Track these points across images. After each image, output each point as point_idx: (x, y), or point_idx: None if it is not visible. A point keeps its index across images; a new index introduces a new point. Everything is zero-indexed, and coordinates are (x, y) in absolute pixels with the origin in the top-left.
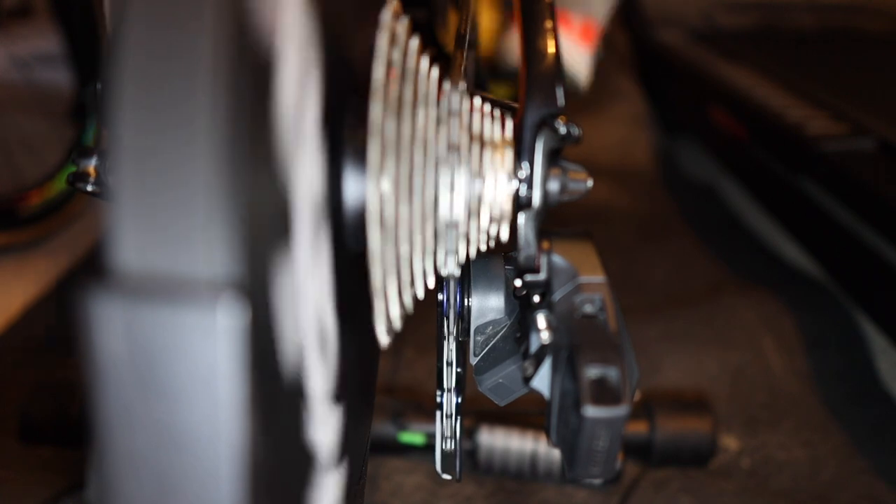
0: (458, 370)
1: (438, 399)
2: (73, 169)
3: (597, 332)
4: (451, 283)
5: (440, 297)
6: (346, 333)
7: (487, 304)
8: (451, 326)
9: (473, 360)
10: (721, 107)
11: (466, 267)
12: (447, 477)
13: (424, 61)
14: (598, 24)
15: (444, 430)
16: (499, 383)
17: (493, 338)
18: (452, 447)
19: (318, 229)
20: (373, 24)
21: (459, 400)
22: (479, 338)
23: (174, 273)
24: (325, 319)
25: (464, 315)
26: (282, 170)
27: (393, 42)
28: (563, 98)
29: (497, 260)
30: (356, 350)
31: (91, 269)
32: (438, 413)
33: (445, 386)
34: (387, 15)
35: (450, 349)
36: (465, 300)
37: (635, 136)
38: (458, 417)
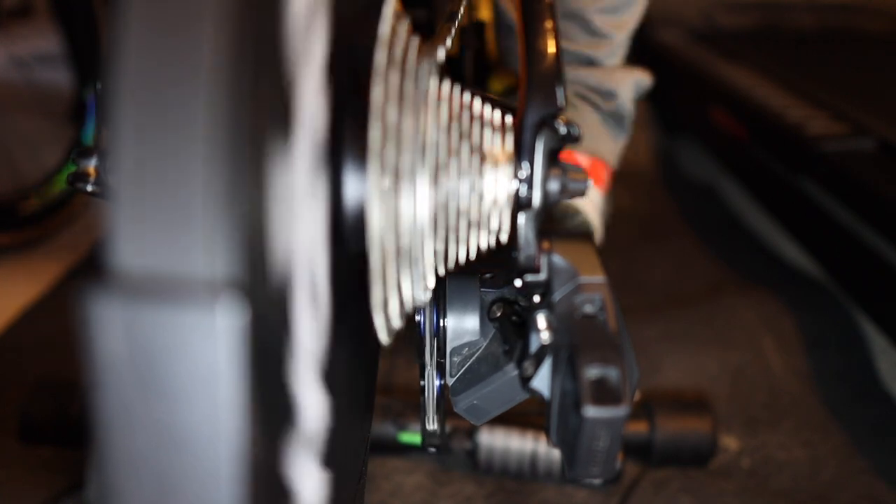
0: (441, 360)
1: (422, 383)
2: (73, 169)
3: (597, 333)
4: (427, 305)
5: (417, 318)
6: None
7: (463, 326)
8: (429, 346)
9: (450, 381)
10: (721, 107)
11: (441, 287)
12: (432, 450)
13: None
14: (607, 166)
15: (427, 411)
16: (473, 404)
17: (469, 359)
18: (436, 426)
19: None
20: (373, 25)
21: (441, 383)
22: (455, 358)
23: (174, 273)
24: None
25: (440, 335)
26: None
27: (393, 42)
28: (563, 98)
29: (472, 281)
30: (355, 349)
31: (91, 269)
32: (422, 397)
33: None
34: (387, 14)
35: (430, 371)
36: (441, 321)
37: (635, 136)
38: (440, 403)
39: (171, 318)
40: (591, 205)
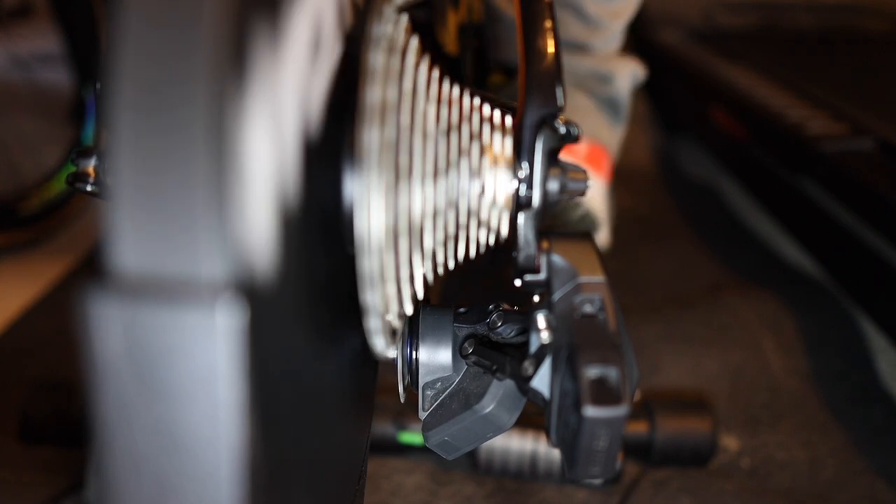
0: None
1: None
2: (72, 169)
3: (596, 332)
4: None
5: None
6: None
7: (436, 361)
8: (403, 378)
9: (422, 415)
10: (721, 107)
11: (415, 319)
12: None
13: (424, 61)
14: (607, 153)
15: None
16: (444, 440)
17: (442, 394)
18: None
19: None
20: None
21: (415, 356)
22: (428, 392)
23: (173, 274)
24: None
25: (413, 368)
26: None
27: (392, 40)
28: (563, 98)
29: (446, 315)
30: (355, 349)
31: (91, 269)
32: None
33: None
34: (386, 13)
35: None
36: (414, 353)
37: (635, 136)
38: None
39: (171, 318)
40: (595, 195)
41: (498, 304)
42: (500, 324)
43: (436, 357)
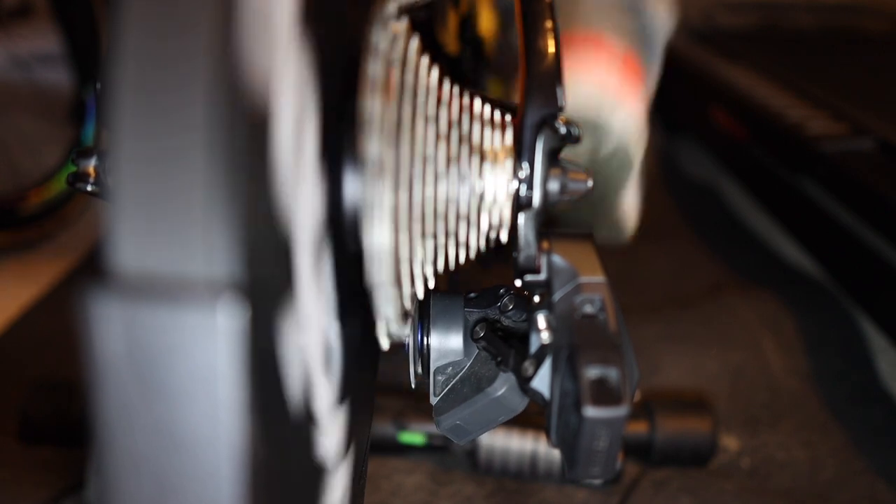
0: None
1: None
2: (72, 169)
3: (597, 333)
4: (413, 320)
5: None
6: (346, 337)
7: (447, 346)
8: (414, 364)
9: (433, 400)
10: (721, 107)
11: (426, 305)
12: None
13: (424, 61)
14: (642, 73)
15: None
16: (456, 424)
17: (453, 378)
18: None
19: (320, 253)
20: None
21: (426, 341)
22: (439, 377)
23: (174, 273)
24: (329, 338)
25: (424, 353)
26: (281, 182)
27: (393, 42)
28: (563, 98)
29: (457, 300)
30: (356, 350)
31: (91, 269)
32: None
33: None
34: (386, 13)
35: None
36: (425, 338)
37: None
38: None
39: (171, 318)
40: (632, 120)
41: (508, 287)
42: (511, 307)
43: (447, 341)
